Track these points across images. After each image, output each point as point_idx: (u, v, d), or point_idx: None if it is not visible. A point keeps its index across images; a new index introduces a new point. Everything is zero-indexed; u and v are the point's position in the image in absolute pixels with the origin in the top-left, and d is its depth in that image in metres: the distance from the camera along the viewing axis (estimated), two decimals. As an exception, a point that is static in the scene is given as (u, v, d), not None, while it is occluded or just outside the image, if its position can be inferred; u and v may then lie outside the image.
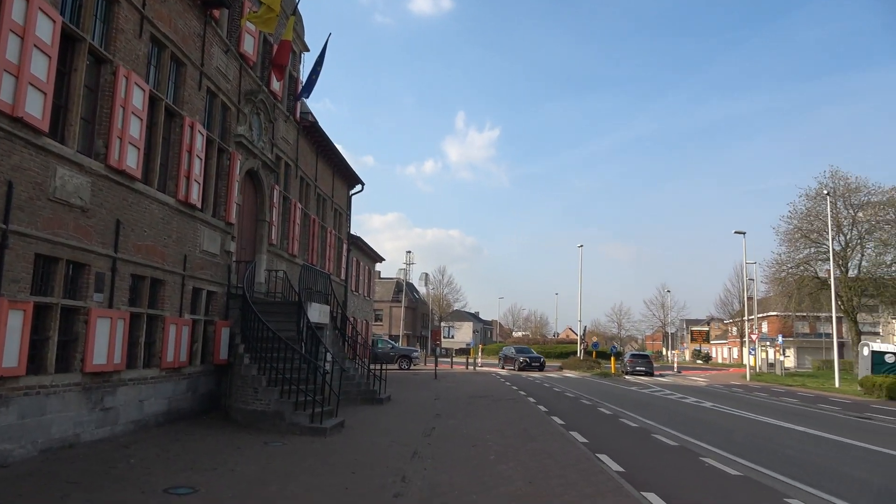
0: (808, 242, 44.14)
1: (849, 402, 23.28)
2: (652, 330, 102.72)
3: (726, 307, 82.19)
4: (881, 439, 12.84)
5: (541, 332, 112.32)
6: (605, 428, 13.42)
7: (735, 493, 7.56)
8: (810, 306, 46.11)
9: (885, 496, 7.60)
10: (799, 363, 67.67)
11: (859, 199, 43.49)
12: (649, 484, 7.56)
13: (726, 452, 10.36)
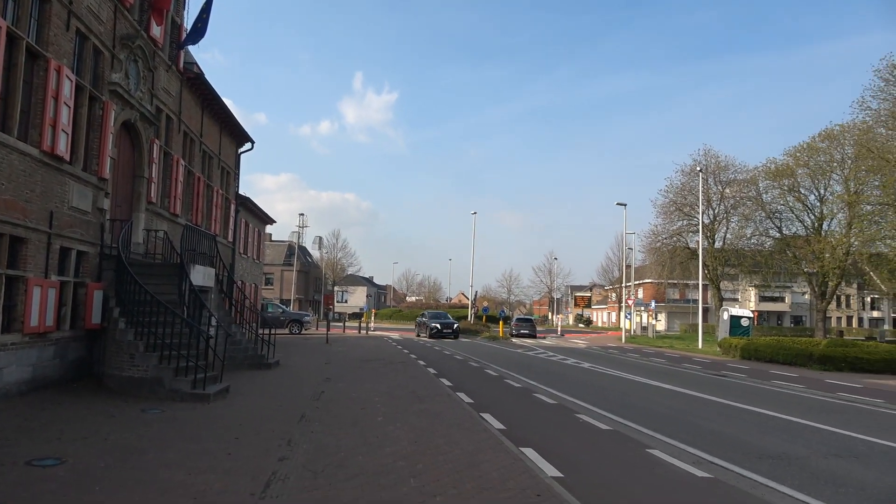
0: (681, 215, 47.47)
1: (709, 361, 25.57)
2: (539, 295, 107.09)
3: (607, 274, 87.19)
4: (732, 394, 14.27)
5: (434, 296, 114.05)
6: (491, 389, 13.97)
7: (604, 445, 8.17)
8: (681, 274, 49.87)
9: (732, 443, 8.49)
10: (669, 326, 73.31)
11: (727, 176, 47.22)
12: (528, 440, 7.99)
13: (599, 409, 11.13)
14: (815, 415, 11.45)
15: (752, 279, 52.61)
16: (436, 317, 41.25)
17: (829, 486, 6.40)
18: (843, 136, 40.95)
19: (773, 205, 45.65)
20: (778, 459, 7.62)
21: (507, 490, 5.53)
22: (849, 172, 41.06)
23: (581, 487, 5.86)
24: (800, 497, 5.96)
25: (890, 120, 38.05)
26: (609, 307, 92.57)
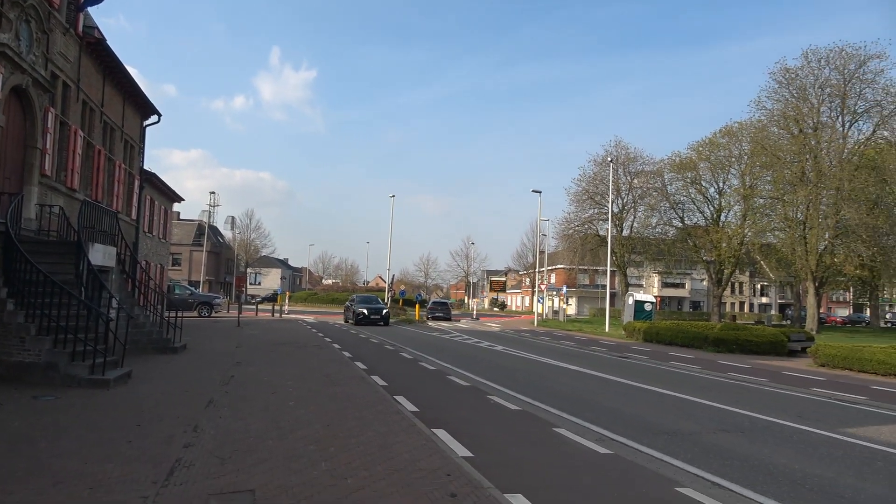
0: (592, 204, 49.22)
1: (614, 344, 26.79)
2: (456, 279, 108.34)
3: (522, 259, 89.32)
4: (634, 375, 15.04)
5: (351, 280, 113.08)
6: (405, 371, 14.06)
7: (513, 425, 8.43)
8: (591, 261, 51.83)
9: (632, 421, 8.97)
10: (579, 311, 76.09)
11: (636, 167, 49.36)
12: (440, 421, 8.13)
13: (510, 390, 11.45)
14: (707, 393, 12.26)
15: (656, 266, 55.48)
16: (364, 301, 36.48)
17: (717, 459, 6.89)
18: (741, 133, 43.60)
19: (677, 196, 48.16)
20: (672, 435, 8.12)
21: (418, 471, 5.62)
22: (745, 167, 43.80)
23: (490, 466, 6.03)
24: (690, 469, 6.40)
25: (782, 120, 40.84)
26: (523, 292, 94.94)
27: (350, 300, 38.12)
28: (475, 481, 5.35)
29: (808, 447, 7.78)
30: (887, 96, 37.78)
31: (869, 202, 37.28)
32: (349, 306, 36.45)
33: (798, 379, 15.51)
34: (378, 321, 33.90)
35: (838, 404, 11.69)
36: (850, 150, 38.41)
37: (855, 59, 37.76)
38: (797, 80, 39.35)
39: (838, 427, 9.17)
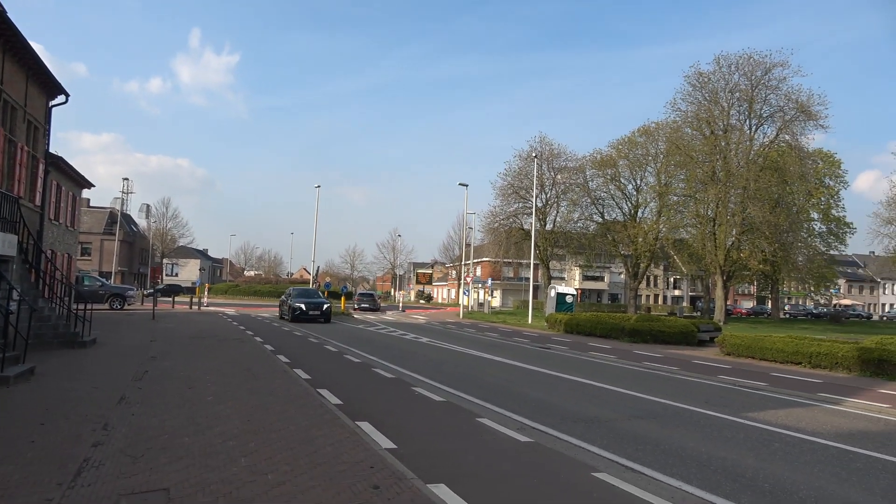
0: (517, 198, 50.14)
1: (537, 335, 27.45)
2: (383, 272, 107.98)
3: (448, 252, 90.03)
4: (555, 365, 15.48)
5: (275, 271, 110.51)
6: (330, 364, 13.90)
7: (437, 416, 8.50)
8: (515, 254, 52.84)
9: (552, 410, 9.24)
10: (503, 303, 77.44)
11: (559, 163, 50.60)
12: (364, 414, 8.10)
13: (435, 382, 11.54)
14: (623, 382, 12.78)
15: (577, 259, 57.18)
16: (302, 295, 31.85)
17: (631, 445, 7.20)
18: (658, 132, 45.50)
19: (598, 192, 49.79)
20: (590, 422, 8.42)
21: (341, 464, 5.58)
22: (660, 166, 45.77)
23: (413, 457, 6.07)
24: (606, 455, 6.66)
25: (695, 121, 42.91)
26: (449, 284, 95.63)
27: (286, 294, 32.93)
28: (398, 472, 5.37)
29: (714, 431, 8.25)
30: (789, 102, 40.39)
31: (771, 201, 39.82)
32: (285, 300, 31.73)
33: (706, 367, 16.39)
34: (318, 317, 29.55)
35: (742, 390, 12.45)
36: (755, 151, 40.85)
37: (761, 66, 40.13)
38: (709, 84, 41.45)
39: (741, 412, 9.77)
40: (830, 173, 55.74)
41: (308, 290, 34.57)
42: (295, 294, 31.55)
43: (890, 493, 5.73)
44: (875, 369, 14.86)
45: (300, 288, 36.32)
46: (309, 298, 30.89)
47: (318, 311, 29.69)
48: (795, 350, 17.06)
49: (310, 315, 29.27)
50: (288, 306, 30.16)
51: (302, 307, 29.34)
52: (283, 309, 31.45)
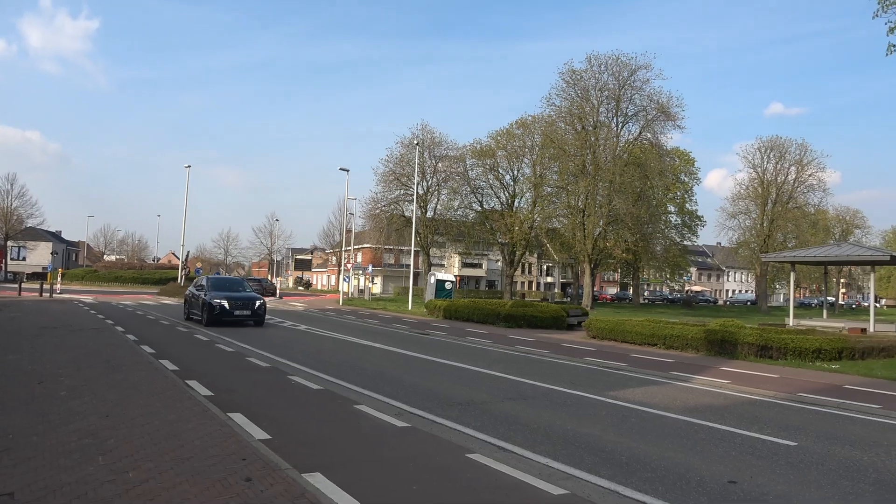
0: (399, 185, 50.26)
1: (416, 321, 27.74)
2: (259, 257, 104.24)
3: (328, 238, 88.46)
4: (434, 350, 15.76)
5: (139, 256, 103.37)
6: (200, 354, 13.27)
7: (314, 404, 8.39)
8: (396, 240, 52.97)
9: (429, 394, 9.41)
10: (384, 289, 77.47)
11: (441, 152, 51.26)
12: (237, 405, 7.82)
13: (312, 370, 11.36)
14: (497, 365, 13.26)
15: (457, 247, 58.35)
16: (221, 286, 22.60)
17: (503, 426, 7.51)
18: (534, 125, 47.32)
19: (477, 181, 51.01)
20: (465, 405, 8.68)
21: (210, 458, 5.36)
22: (536, 158, 47.70)
23: (289, 447, 5.96)
24: (480, 436, 6.90)
25: (568, 116, 45.06)
26: (329, 270, 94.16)
27: (195, 285, 23.58)
28: (273, 463, 5.25)
29: (579, 410, 8.80)
30: (651, 103, 43.52)
31: (634, 195, 42.78)
32: (195, 295, 22.23)
33: (574, 350, 17.37)
34: (247, 319, 20.92)
35: (605, 371, 13.34)
36: (621, 147, 43.67)
37: (628, 68, 42.87)
38: (581, 81, 43.68)
39: (604, 391, 10.48)
40: (685, 170, 60.78)
41: (229, 281, 24.99)
42: (211, 286, 22.03)
43: (725, 458, 6.40)
44: (719, 349, 16.45)
45: (217, 277, 25.82)
46: (232, 292, 21.86)
47: (247, 309, 20.88)
48: (652, 333, 18.49)
49: (236, 316, 20.58)
50: (201, 303, 20.87)
51: (224, 304, 20.46)
52: (192, 306, 22.19)
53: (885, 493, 5.44)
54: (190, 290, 23.38)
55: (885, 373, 13.04)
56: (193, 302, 22.10)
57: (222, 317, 20.32)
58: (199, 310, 20.92)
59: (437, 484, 5.22)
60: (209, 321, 20.09)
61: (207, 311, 20.30)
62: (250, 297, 21.70)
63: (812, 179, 60.60)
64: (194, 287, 23.14)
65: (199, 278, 24.53)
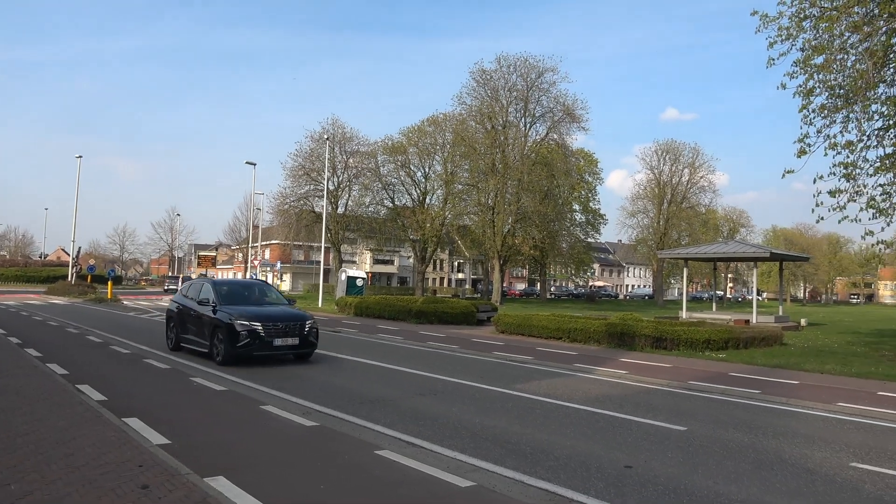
0: (309, 180, 49.29)
1: (327, 318, 27.29)
2: (159, 253, 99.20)
3: (235, 234, 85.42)
4: (345, 348, 15.61)
5: (23, 252, 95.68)
6: (93, 357, 12.51)
7: (218, 406, 8.12)
8: (306, 237, 51.96)
9: (339, 393, 9.33)
10: (293, 287, 75.74)
11: (352, 147, 50.71)
12: (133, 409, 7.44)
13: (216, 371, 10.97)
14: (409, 362, 13.32)
15: (368, 243, 57.99)
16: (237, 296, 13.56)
17: (413, 421, 7.56)
18: (445, 123, 47.73)
19: (389, 177, 50.84)
20: (375, 403, 8.67)
21: (103, 465, 5.08)
22: (447, 156, 48.13)
23: (190, 451, 5.74)
24: (389, 433, 6.92)
25: (478, 115, 45.81)
26: (235, 267, 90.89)
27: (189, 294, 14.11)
28: (172, 469, 5.05)
29: (487, 403, 8.99)
30: (557, 105, 45.01)
31: (542, 193, 44.13)
32: (192, 311, 13.46)
33: (483, 345, 17.71)
34: (293, 351, 12.70)
35: (512, 364, 13.69)
36: (529, 147, 44.91)
37: (535, 69, 44.09)
38: (491, 81, 44.51)
39: (511, 384, 10.76)
40: (589, 170, 63.23)
41: (246, 287, 14.84)
42: (224, 297, 13.13)
43: (623, 444, 6.75)
44: (618, 341, 17.27)
45: (230, 283, 16.78)
46: (259, 307, 13.21)
47: (293, 336, 12.44)
48: (557, 327, 19.15)
49: (276, 347, 12.25)
50: (209, 326, 12.58)
51: (257, 330, 11.99)
52: (186, 329, 13.69)
53: (762, 471, 5.92)
54: (179, 303, 14.14)
55: (765, 360, 14.17)
56: (189, 321, 13.38)
57: (254, 349, 11.86)
58: (206, 336, 12.54)
59: (344, 482, 5.19)
60: (230, 355, 11.76)
61: (227, 341, 11.76)
62: (293, 315, 12.80)
63: (703, 181, 64.81)
64: (189, 297, 13.84)
65: (192, 283, 14.92)
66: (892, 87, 13.82)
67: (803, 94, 13.87)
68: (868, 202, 13.46)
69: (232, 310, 12.25)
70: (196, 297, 13.45)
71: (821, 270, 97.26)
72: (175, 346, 13.95)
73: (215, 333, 12.14)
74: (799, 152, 13.82)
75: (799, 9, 13.76)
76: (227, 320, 11.91)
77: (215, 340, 12.15)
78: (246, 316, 12.01)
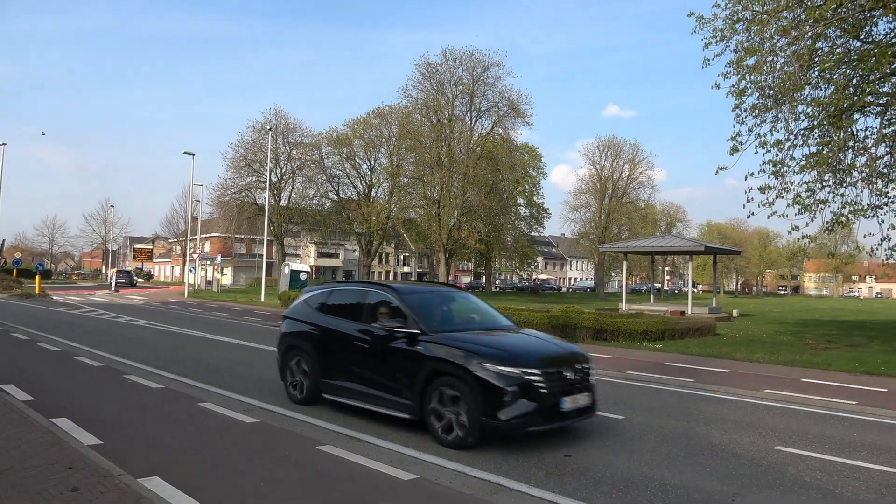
0: (250, 171, 48.18)
1: (269, 313, 26.80)
2: (92, 246, 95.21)
3: (172, 226, 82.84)
4: (287, 343, 15.35)
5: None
6: (18, 355, 11.92)
7: (154, 405, 7.87)
8: (248, 229, 50.81)
9: (280, 389, 9.17)
10: (235, 280, 73.95)
11: (295, 138, 49.83)
12: (63, 409, 7.13)
13: (152, 368, 10.62)
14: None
15: (313, 236, 57.15)
16: (432, 313, 7.45)
17: (357, 416, 7.50)
18: (391, 116, 47.46)
19: (333, 170, 50.25)
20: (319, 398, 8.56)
21: (30, 468, 4.86)
22: (393, 148, 47.91)
23: (123, 452, 5.55)
24: (332, 428, 6.86)
25: (424, 108, 45.76)
26: (173, 261, 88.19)
27: (361, 312, 7.73)
28: (104, 470, 4.87)
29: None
30: (503, 99, 45.37)
31: (487, 187, 44.48)
32: (370, 340, 7.35)
33: (428, 338, 17.77)
34: (581, 416, 6.76)
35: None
36: (475, 141, 45.16)
37: (481, 64, 44.31)
38: (437, 74, 44.50)
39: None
40: (533, 165, 64.09)
41: (447, 296, 8.45)
42: (422, 311, 7.27)
43: (564, 435, 6.87)
44: (561, 333, 17.53)
45: (414, 289, 8.46)
46: (502, 337, 7.30)
47: (584, 391, 6.75)
48: (502, 319, 19.41)
49: (565, 413, 6.46)
50: (408, 366, 6.83)
51: (534, 383, 6.19)
52: (345, 369, 7.59)
53: (694, 457, 6.17)
54: (312, 322, 8.33)
55: (699, 350, 14.74)
56: (349, 356, 7.66)
57: (532, 422, 6.25)
58: (404, 385, 6.87)
59: (285, 478, 5.13)
60: (485, 430, 6.22)
61: (476, 403, 6.21)
62: (568, 351, 7.29)
63: (643, 177, 66.67)
64: (332, 309, 8.28)
65: (336, 287, 9.24)
66: (816, 90, 14.54)
67: (736, 94, 14.41)
68: (794, 198, 14.10)
69: (461, 340, 6.72)
70: (357, 312, 7.74)
71: (752, 264, 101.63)
72: (310, 395, 7.87)
73: (434, 386, 6.49)
74: (732, 150, 14.36)
75: (732, 11, 14.30)
76: (463, 362, 6.38)
77: (434, 398, 6.46)
78: (500, 354, 6.41)
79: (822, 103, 13.97)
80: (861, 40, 14.09)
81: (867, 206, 14.35)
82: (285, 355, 8.43)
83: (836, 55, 14.04)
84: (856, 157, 14.27)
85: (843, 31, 13.78)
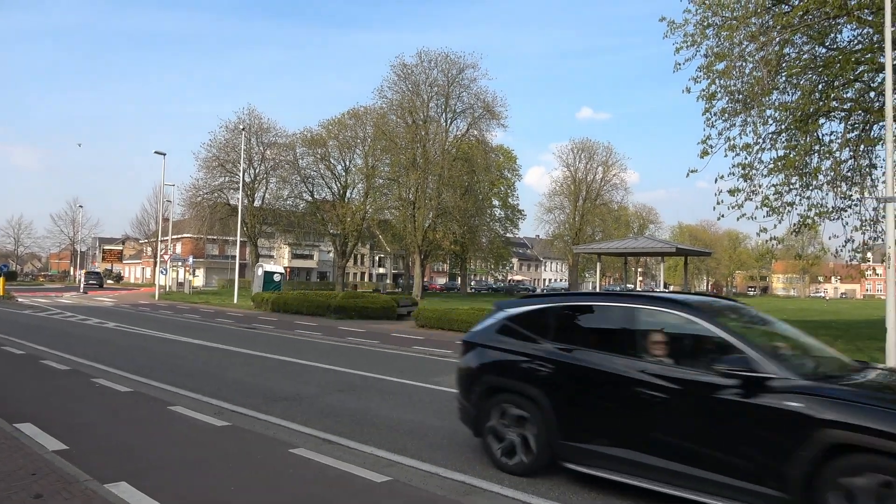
0: (223, 171, 47.60)
1: (242, 315, 26.53)
2: (59, 247, 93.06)
3: (143, 227, 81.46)
4: (260, 345, 15.19)
5: None
6: (-20, 359, 11.59)
7: (122, 408, 7.72)
8: (221, 230, 50.17)
9: (253, 391, 9.08)
10: (207, 282, 72.93)
11: (269, 138, 49.38)
12: (26, 414, 6.96)
13: (121, 371, 10.42)
14: (327, 358, 13.12)
15: (287, 237, 56.68)
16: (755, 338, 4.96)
17: (330, 418, 7.47)
18: (366, 116, 47.24)
19: (308, 170, 49.85)
20: (292, 401, 8.50)
21: (-10, 475, 4.73)
22: (368, 149, 47.71)
23: (89, 457, 5.44)
24: (305, 430, 6.80)
25: (399, 110, 45.64)
26: (144, 262, 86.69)
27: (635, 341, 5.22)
28: (69, 476, 4.76)
29: (405, 397, 9.01)
30: (478, 101, 45.41)
31: (462, 188, 44.49)
32: (677, 391, 4.69)
33: (403, 339, 17.72)
34: None
35: (431, 359, 13.78)
36: (450, 142, 45.12)
37: (456, 66, 44.31)
38: (412, 75, 44.36)
39: (430, 378, 10.81)
40: (508, 167, 64.38)
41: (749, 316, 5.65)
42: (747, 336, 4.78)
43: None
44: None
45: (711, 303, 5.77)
46: None
47: None
48: (477, 320, 19.42)
49: None
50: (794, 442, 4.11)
51: None
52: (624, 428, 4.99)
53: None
54: (553, 359, 5.51)
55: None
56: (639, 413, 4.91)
57: None
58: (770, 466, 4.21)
59: (257, 482, 5.07)
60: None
61: None
62: None
63: (616, 179, 67.43)
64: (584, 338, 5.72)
65: (598, 301, 6.28)
66: (784, 94, 14.86)
67: (706, 98, 14.67)
68: (762, 201, 14.39)
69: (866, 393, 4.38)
70: (624, 342, 5.38)
71: (722, 265, 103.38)
72: (541, 462, 5.41)
73: (834, 470, 3.98)
74: (702, 153, 14.61)
75: (703, 17, 14.55)
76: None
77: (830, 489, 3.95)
78: None
79: (789, 108, 14.29)
80: (826, 47, 14.45)
81: (832, 209, 14.71)
82: (485, 400, 5.90)
83: (802, 61, 14.38)
84: (821, 160, 14.62)
85: (809, 37, 14.11)
